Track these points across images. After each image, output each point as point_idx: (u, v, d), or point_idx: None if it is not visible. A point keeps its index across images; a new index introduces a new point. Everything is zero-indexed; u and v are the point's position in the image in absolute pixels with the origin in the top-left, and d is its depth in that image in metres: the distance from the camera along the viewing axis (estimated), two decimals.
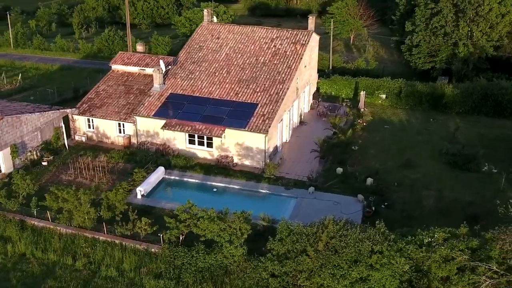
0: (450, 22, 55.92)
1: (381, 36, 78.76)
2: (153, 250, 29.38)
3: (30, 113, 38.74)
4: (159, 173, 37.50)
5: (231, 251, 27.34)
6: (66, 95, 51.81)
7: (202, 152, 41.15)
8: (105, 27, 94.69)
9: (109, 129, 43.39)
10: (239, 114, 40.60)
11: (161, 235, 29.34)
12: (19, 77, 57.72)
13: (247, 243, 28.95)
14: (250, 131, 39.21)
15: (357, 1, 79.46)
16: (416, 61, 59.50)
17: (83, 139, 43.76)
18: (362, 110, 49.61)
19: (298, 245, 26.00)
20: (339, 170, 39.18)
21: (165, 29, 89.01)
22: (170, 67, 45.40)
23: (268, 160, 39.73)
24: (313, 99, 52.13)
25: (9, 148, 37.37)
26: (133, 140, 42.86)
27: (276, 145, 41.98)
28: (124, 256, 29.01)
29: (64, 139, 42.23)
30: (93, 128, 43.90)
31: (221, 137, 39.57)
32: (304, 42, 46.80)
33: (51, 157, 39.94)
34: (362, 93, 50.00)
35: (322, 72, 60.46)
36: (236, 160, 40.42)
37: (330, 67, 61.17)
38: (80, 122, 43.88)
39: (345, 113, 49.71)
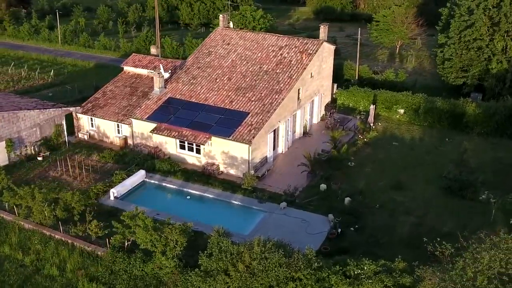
0: (485, 36, 52.31)
1: (430, 51, 75.11)
2: (99, 253, 29.87)
3: (28, 109, 40.65)
4: (138, 176, 38.03)
5: (163, 262, 27.24)
6: (87, 93, 53.74)
7: (191, 158, 41.30)
8: (160, 26, 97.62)
9: (109, 129, 44.65)
10: (228, 123, 40.29)
11: (111, 239, 29.77)
12: (51, 73, 60.85)
13: (196, 255, 28.79)
14: (234, 140, 38.82)
15: (405, 9, 76.30)
16: (448, 75, 56.24)
17: (86, 137, 45.35)
18: (370, 124, 47.51)
19: (222, 264, 25.43)
20: (323, 186, 37.84)
21: None
22: (170, 71, 45.87)
23: (252, 171, 39.13)
24: (325, 110, 50.65)
25: (4, 142, 39.40)
26: (130, 141, 43.79)
27: (266, 156, 41.23)
28: (71, 256, 29.72)
29: (65, 136, 43.91)
30: (94, 127, 45.41)
31: (204, 145, 39.52)
32: (311, 52, 45.60)
33: (47, 153, 41.70)
34: (372, 106, 47.87)
35: (348, 82, 58.76)
36: (222, 168, 40.17)
37: (356, 77, 59.16)
38: (84, 121, 45.50)
39: (354, 126, 47.93)
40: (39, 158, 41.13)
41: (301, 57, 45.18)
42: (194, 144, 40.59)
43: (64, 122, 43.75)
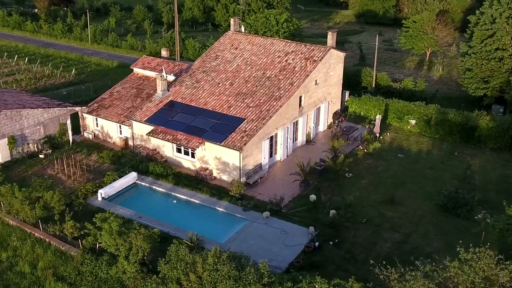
0: (508, 46, 49.92)
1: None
2: (72, 253, 30.39)
3: (32, 108, 41.88)
4: (129, 178, 38.43)
5: (125, 266, 27.43)
6: (102, 92, 54.76)
7: (186, 162, 41.43)
8: (194, 27, 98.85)
9: (111, 130, 45.42)
10: (222, 128, 40.15)
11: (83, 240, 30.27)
12: (73, 72, 62.51)
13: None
14: (226, 146, 38.65)
15: (437, 15, 73.92)
16: (468, 86, 54.04)
17: (91, 137, 46.31)
18: (376, 135, 46.14)
19: (175, 272, 25.34)
20: (312, 197, 37.13)
21: None
22: (173, 74, 46.16)
23: (244, 178, 38.87)
24: (333, 118, 49.64)
25: (6, 139, 40.74)
26: (130, 143, 44.38)
27: (260, 163, 40.80)
28: (44, 255, 30.37)
29: (69, 135, 44.97)
30: (98, 127, 46.30)
31: (196, 149, 39.57)
32: (317, 59, 44.81)
33: (50, 151, 42.83)
34: (378, 116, 46.47)
35: (364, 90, 57.49)
36: (215, 173, 40.10)
37: (373, 85, 57.73)
38: (89, 120, 46.49)
39: (360, 136, 46.75)
40: (41, 156, 42.29)
41: (305, 63, 44.46)
42: (190, 148, 40.71)
43: (69, 121, 44.75)
